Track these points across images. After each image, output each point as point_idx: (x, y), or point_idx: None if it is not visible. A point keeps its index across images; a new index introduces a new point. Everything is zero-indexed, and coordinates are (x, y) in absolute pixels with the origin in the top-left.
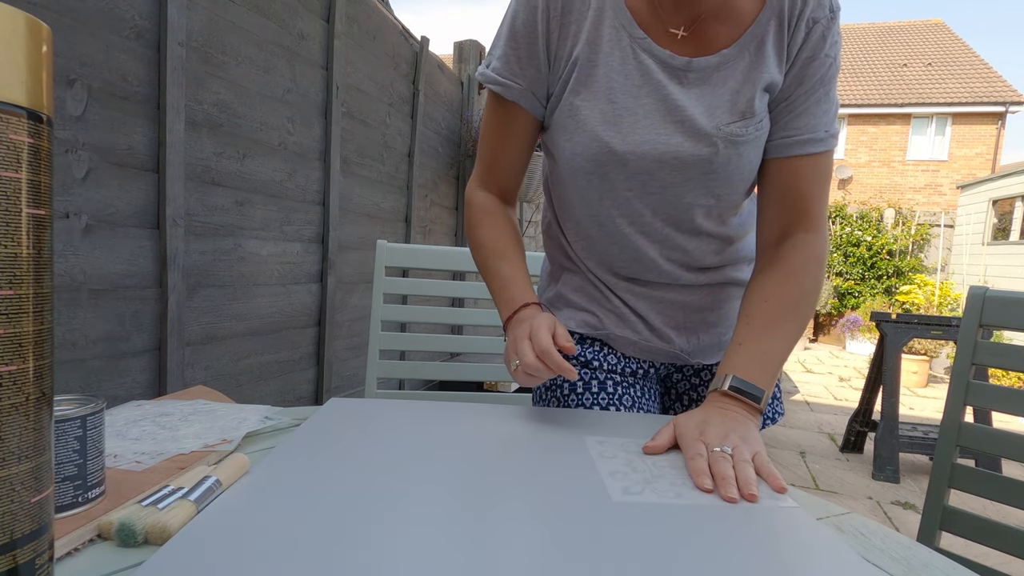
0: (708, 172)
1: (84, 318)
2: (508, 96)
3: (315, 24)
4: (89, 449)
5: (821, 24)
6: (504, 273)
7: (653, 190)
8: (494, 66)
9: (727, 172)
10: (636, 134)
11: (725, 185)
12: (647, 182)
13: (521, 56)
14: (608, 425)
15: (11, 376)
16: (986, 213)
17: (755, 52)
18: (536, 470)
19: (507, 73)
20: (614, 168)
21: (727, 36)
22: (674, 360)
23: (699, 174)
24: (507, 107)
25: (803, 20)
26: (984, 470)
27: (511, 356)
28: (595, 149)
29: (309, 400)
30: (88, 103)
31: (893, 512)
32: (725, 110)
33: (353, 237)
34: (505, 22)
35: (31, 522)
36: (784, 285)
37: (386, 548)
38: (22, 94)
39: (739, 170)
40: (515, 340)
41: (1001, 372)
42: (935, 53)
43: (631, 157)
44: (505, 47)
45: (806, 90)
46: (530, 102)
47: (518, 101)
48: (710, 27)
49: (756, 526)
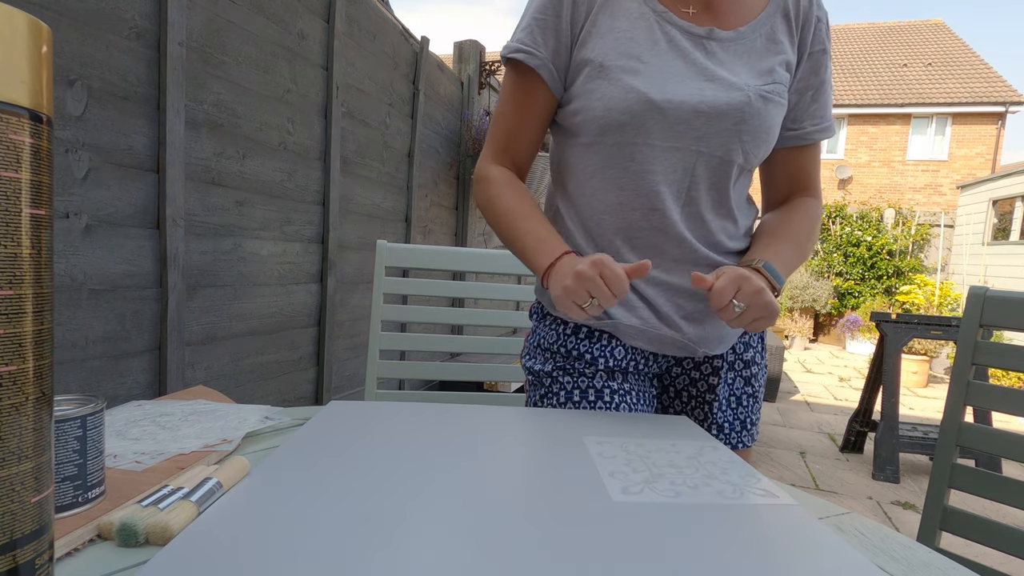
0: (740, 122)
1: (84, 318)
2: (530, 63)
3: (315, 24)
4: (89, 449)
5: (824, 21)
6: (537, 232)
7: (688, 143)
8: (518, 37)
9: (757, 125)
10: (670, 86)
11: (754, 141)
12: (683, 133)
13: (546, 27)
14: (608, 425)
15: (11, 376)
16: (986, 213)
17: (766, 39)
18: (536, 470)
19: (530, 42)
20: (652, 118)
21: (738, 18)
22: (681, 350)
23: (732, 124)
24: (527, 81)
25: (811, 18)
26: (984, 470)
27: (578, 298)
28: (632, 100)
29: (309, 400)
30: (88, 103)
31: (893, 512)
32: (751, 75)
33: (353, 237)
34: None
35: (31, 522)
36: (793, 215)
37: (387, 549)
38: (22, 94)
39: (767, 128)
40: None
41: (1001, 372)
42: (935, 53)
43: (668, 106)
44: (531, 21)
45: (820, 80)
46: (550, 74)
47: (539, 70)
48: (720, 10)
49: (756, 525)
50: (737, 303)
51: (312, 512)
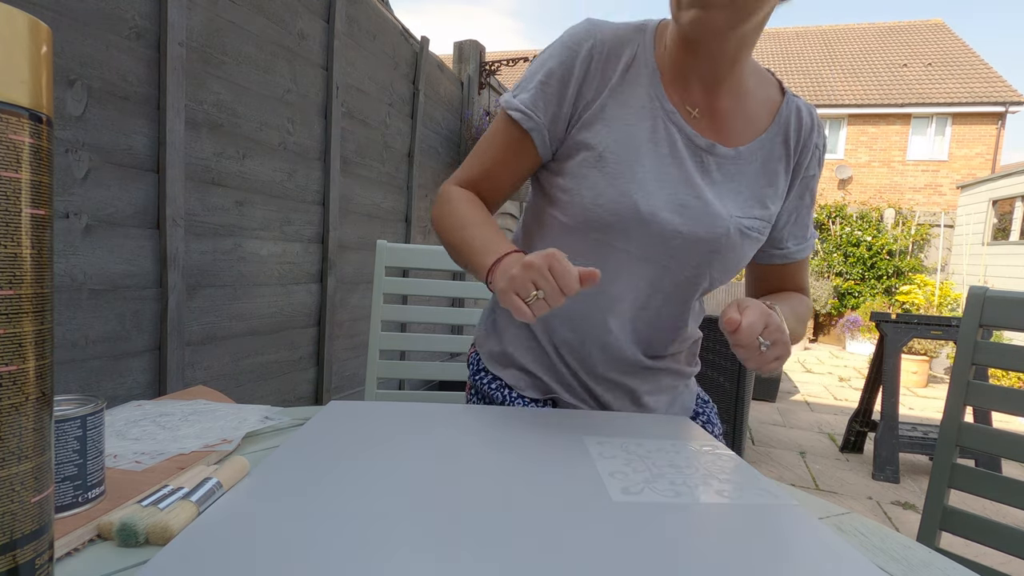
0: (714, 251)
1: (84, 318)
2: (525, 125)
3: (315, 24)
4: (89, 449)
5: (820, 148)
6: (488, 235)
7: (661, 258)
8: (521, 97)
9: (730, 257)
10: (660, 199)
11: (722, 270)
12: (658, 248)
13: (550, 94)
14: (608, 425)
15: (11, 376)
16: (986, 213)
17: (763, 163)
18: (536, 470)
19: (531, 105)
20: (635, 227)
21: (739, 135)
22: None
23: (707, 251)
24: (516, 136)
25: (809, 146)
26: (984, 470)
27: (522, 289)
28: (622, 206)
29: (309, 400)
30: (88, 103)
31: (893, 512)
32: (737, 203)
33: (353, 237)
34: (542, 63)
35: (31, 522)
36: (790, 296)
37: (387, 549)
38: (22, 94)
39: (738, 260)
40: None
41: (1001, 372)
42: (935, 53)
43: (652, 220)
44: (538, 84)
45: (805, 204)
46: (542, 140)
47: (532, 133)
48: (724, 119)
49: (756, 525)
50: (763, 340)
51: (312, 512)
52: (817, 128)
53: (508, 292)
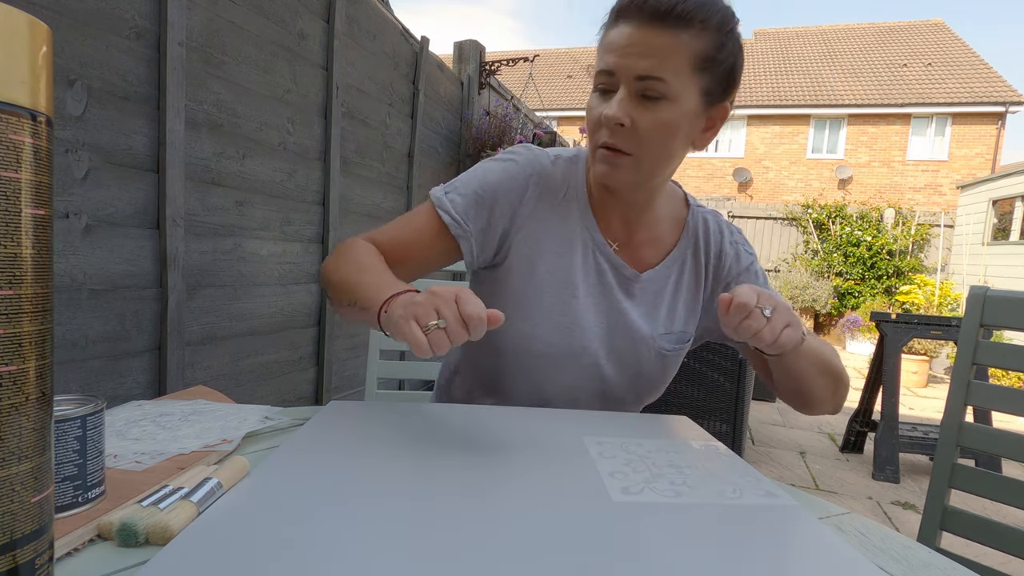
0: (638, 375)
1: (84, 318)
2: (453, 232)
3: (315, 24)
4: (89, 449)
5: (737, 245)
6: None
7: (591, 382)
8: (453, 199)
9: (654, 378)
10: (591, 331)
11: (649, 388)
12: (589, 373)
13: (482, 206)
14: (608, 425)
15: (11, 376)
16: (986, 213)
17: (675, 280)
18: (536, 470)
19: (463, 214)
20: (567, 359)
21: (653, 258)
22: None
23: (633, 374)
24: (443, 234)
25: (723, 250)
26: (984, 470)
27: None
28: (555, 339)
29: (309, 400)
30: (88, 103)
31: (893, 512)
32: (656, 323)
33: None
34: (480, 174)
35: (31, 522)
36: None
37: (387, 549)
38: (22, 94)
39: (661, 377)
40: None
41: (1001, 372)
42: (935, 53)
43: (583, 353)
44: (472, 194)
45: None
46: (469, 248)
47: (459, 240)
48: (640, 247)
49: (756, 525)
50: (762, 307)
51: (312, 512)
52: (726, 230)
53: (407, 319)
